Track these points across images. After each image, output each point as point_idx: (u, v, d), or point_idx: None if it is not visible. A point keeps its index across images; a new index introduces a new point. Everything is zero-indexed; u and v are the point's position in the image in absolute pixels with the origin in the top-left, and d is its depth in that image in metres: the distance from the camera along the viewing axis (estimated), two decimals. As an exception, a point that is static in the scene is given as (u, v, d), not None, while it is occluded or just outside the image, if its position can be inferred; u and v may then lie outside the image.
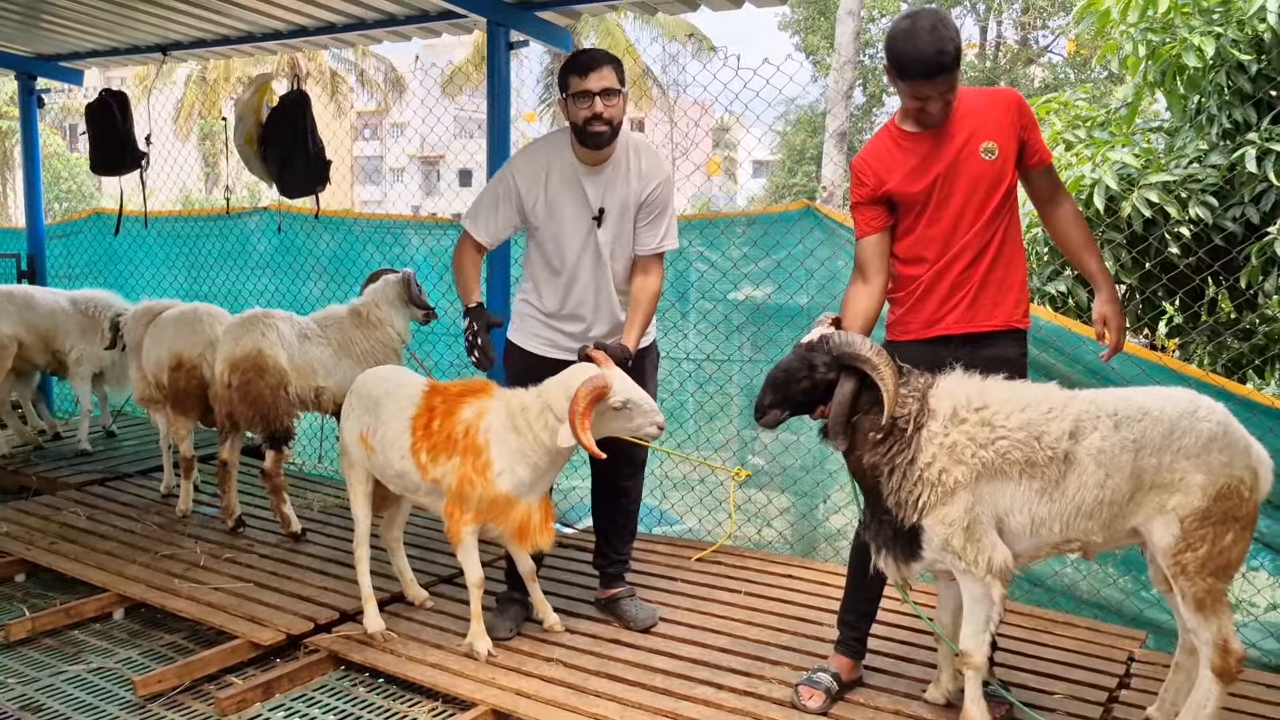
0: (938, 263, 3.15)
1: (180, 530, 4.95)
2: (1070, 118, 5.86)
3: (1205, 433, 2.73)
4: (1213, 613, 2.76)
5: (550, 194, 3.65)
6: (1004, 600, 2.87)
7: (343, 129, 26.41)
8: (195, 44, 6.45)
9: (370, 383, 3.82)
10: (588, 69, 3.50)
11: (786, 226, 5.02)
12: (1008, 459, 2.77)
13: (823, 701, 3.24)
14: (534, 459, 3.39)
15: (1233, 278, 4.86)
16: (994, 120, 3.07)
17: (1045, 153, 3.17)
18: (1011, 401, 2.81)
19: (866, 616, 3.43)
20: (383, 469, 3.70)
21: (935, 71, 2.90)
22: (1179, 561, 2.74)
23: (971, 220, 3.10)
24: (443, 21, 5.52)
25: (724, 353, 5.35)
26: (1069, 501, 2.77)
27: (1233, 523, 2.73)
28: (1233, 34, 4.83)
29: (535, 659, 3.61)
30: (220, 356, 4.71)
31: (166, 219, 7.67)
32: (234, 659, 3.70)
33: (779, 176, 28.50)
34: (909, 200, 3.15)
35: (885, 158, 3.17)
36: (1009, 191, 3.13)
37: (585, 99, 3.49)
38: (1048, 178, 3.20)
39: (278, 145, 5.82)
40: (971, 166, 3.07)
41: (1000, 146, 3.06)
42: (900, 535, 2.92)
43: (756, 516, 5.22)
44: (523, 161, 3.72)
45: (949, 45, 2.88)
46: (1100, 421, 2.76)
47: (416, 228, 6.40)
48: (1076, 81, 22.24)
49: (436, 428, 3.49)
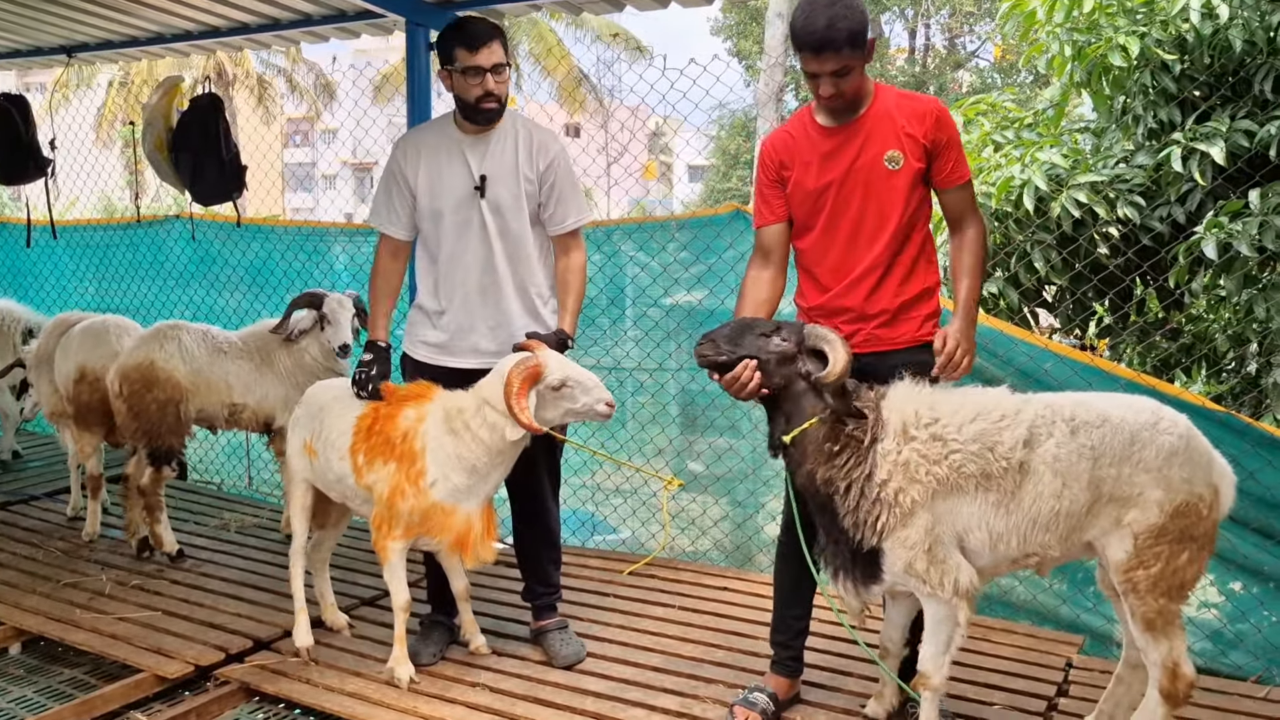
0: (842, 277, 3.04)
1: (85, 556, 4.70)
2: (999, 119, 5.87)
3: (1166, 446, 2.61)
4: (1163, 634, 2.66)
5: (430, 162, 3.50)
6: (968, 622, 2.76)
7: (272, 135, 25.86)
8: (102, 45, 6.18)
9: (320, 391, 3.73)
10: (478, 43, 3.34)
11: (717, 230, 4.93)
12: (962, 473, 2.65)
13: None
14: (471, 461, 3.24)
15: (1161, 278, 4.88)
16: (905, 129, 2.95)
17: (960, 173, 3.01)
18: (961, 411, 2.69)
19: (800, 633, 3.32)
20: (323, 473, 3.55)
21: (822, 46, 2.80)
22: (1130, 579, 2.63)
23: (873, 232, 2.99)
24: (361, 22, 5.34)
25: (657, 359, 5.24)
26: (1025, 514, 2.65)
27: (1189, 541, 2.62)
28: (1157, 34, 4.86)
29: (460, 684, 3.46)
30: (114, 367, 4.53)
31: (77, 228, 7.36)
32: (138, 694, 3.48)
33: (713, 181, 28.57)
34: (802, 196, 3.05)
35: (790, 144, 3.08)
36: (918, 203, 3.00)
37: (476, 75, 3.35)
38: (957, 197, 3.03)
39: (189, 151, 5.58)
40: (872, 174, 2.96)
41: (906, 156, 2.95)
42: (859, 558, 2.79)
43: (692, 526, 5.12)
44: (402, 141, 3.62)
45: (840, 23, 2.78)
46: (1055, 427, 2.64)
47: (339, 235, 6.19)
48: (1003, 86, 22.61)
49: (377, 430, 3.37)
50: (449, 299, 3.53)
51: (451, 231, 3.51)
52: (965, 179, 3.03)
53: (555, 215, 3.55)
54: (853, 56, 2.83)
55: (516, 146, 3.50)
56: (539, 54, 22.13)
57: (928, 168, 2.98)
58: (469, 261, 3.51)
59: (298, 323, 4.51)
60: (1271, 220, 4.25)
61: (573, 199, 3.57)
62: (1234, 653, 3.88)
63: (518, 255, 3.53)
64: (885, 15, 25.51)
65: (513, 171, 3.49)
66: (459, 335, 3.54)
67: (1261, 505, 3.77)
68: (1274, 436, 3.76)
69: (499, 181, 3.48)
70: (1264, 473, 3.70)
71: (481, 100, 3.38)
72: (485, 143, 3.49)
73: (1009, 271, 5.19)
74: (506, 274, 3.53)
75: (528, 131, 3.54)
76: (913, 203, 2.99)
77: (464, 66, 3.35)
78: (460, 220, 3.50)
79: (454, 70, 3.38)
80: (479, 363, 3.50)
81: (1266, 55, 4.62)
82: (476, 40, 3.34)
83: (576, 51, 24.77)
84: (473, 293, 3.53)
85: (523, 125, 3.56)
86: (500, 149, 3.49)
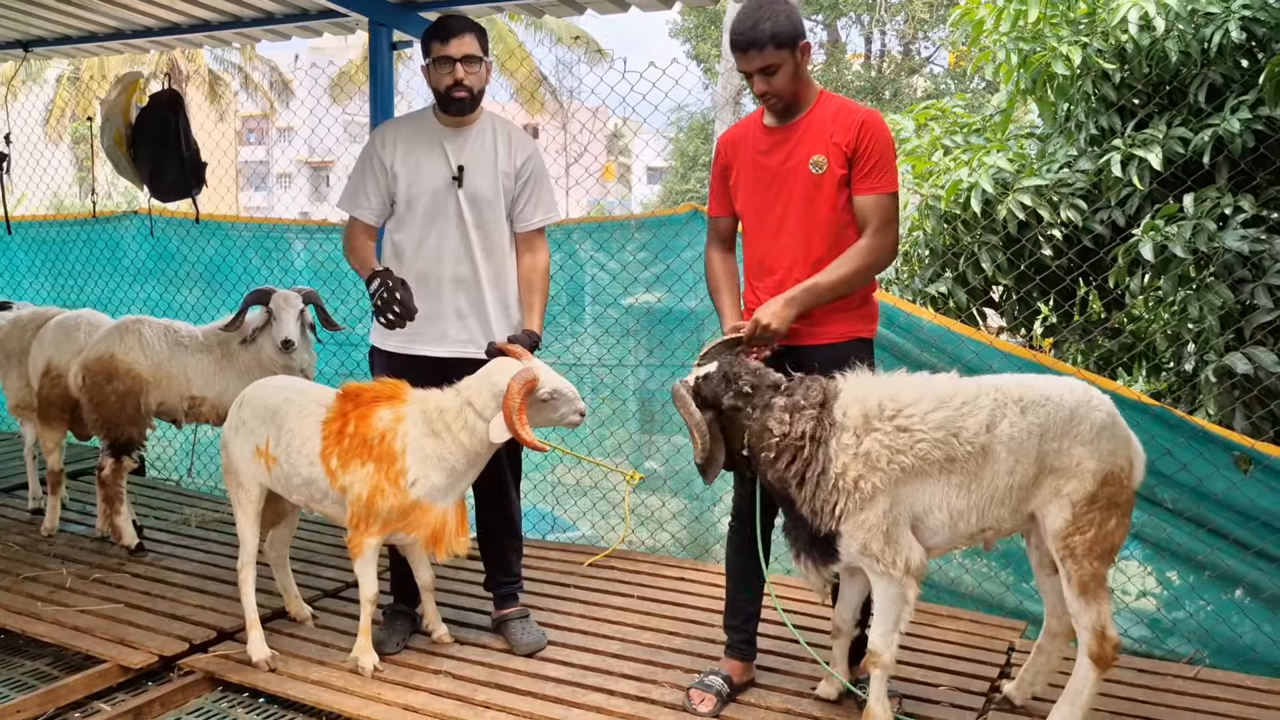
0: (767, 273, 3.21)
1: (44, 551, 4.69)
2: (948, 124, 6.03)
3: (1098, 421, 2.84)
4: (1094, 597, 2.85)
5: (408, 151, 3.58)
6: (916, 599, 2.90)
7: (226, 133, 25.56)
8: (60, 40, 6.16)
9: (264, 393, 3.65)
10: (449, 35, 3.48)
11: (675, 230, 5.03)
12: (927, 459, 2.80)
13: (714, 705, 3.23)
14: (451, 462, 3.30)
15: (1101, 278, 5.05)
16: (833, 136, 3.09)
17: (872, 182, 3.06)
18: (924, 400, 2.83)
19: (752, 617, 3.43)
20: (287, 478, 3.52)
21: (749, 45, 3.02)
22: (1069, 545, 2.83)
23: (795, 230, 3.14)
24: (323, 21, 5.38)
25: (616, 356, 5.33)
26: (984, 491, 2.82)
27: (1115, 508, 2.84)
28: (1098, 44, 5.03)
29: (423, 672, 3.52)
30: (76, 361, 4.60)
31: (32, 224, 7.29)
32: (102, 684, 3.50)
33: (672, 182, 28.70)
34: (739, 191, 3.25)
35: (738, 139, 3.28)
36: (844, 206, 3.11)
37: (446, 64, 3.48)
38: (865, 203, 3.08)
39: (148, 147, 5.58)
40: (797, 176, 3.12)
41: (830, 161, 3.09)
42: (817, 540, 2.92)
43: (650, 520, 5.21)
44: (381, 130, 3.73)
45: (765, 24, 2.99)
46: (1008, 408, 2.82)
47: (300, 232, 6.21)
48: (957, 91, 22.97)
49: (351, 432, 3.37)
50: (420, 286, 3.55)
51: (425, 220, 3.58)
52: (879, 189, 3.07)
53: (524, 212, 3.66)
54: (777, 55, 3.02)
55: (495, 142, 3.61)
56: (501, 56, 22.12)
57: (850, 174, 3.10)
58: (444, 250, 3.58)
59: (252, 321, 4.55)
60: (1204, 224, 4.44)
61: (545, 198, 3.69)
62: (1170, 639, 4.04)
63: (493, 248, 3.63)
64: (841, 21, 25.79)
65: (491, 165, 3.59)
66: (427, 322, 3.57)
67: (1194, 495, 3.93)
68: (1205, 430, 3.93)
69: (477, 174, 3.57)
70: (1196, 464, 3.87)
71: (452, 89, 3.49)
72: (463, 135, 3.59)
73: (957, 271, 5.34)
74: (483, 266, 3.61)
75: (505, 130, 3.65)
76: (837, 206, 3.11)
77: (435, 57, 3.48)
78: (435, 209, 3.58)
79: (429, 62, 3.51)
80: (447, 351, 3.59)
81: (1200, 66, 4.81)
82: (448, 32, 3.48)
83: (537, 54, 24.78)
84: (445, 281, 3.60)
85: (500, 124, 3.67)
86: (479, 143, 3.59)
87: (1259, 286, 4.37)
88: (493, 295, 3.65)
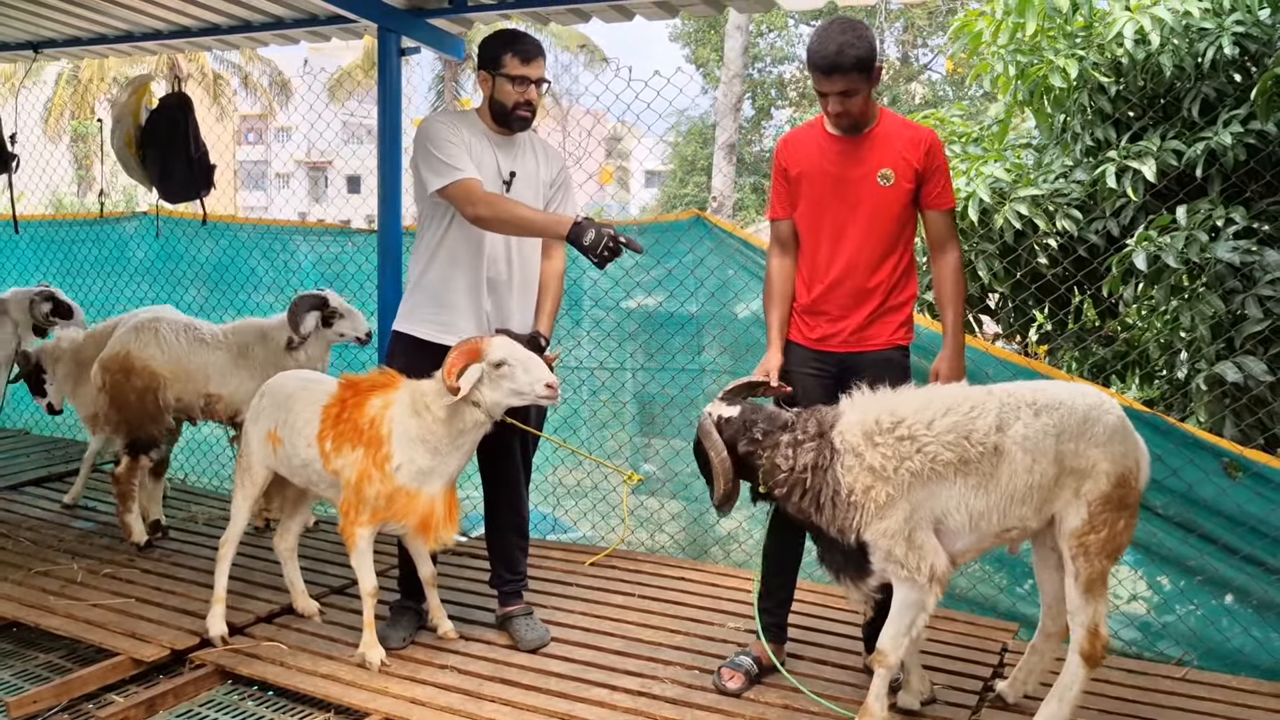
0: (823, 278, 3.35)
1: (55, 546, 4.76)
2: (946, 133, 6.10)
3: (1110, 424, 2.94)
4: (1095, 596, 2.96)
5: (470, 146, 3.62)
6: (934, 608, 2.99)
7: (226, 133, 25.59)
8: (70, 42, 6.21)
9: (284, 381, 3.86)
10: (530, 56, 3.57)
11: (677, 235, 5.11)
12: (938, 461, 2.89)
13: (743, 683, 3.41)
14: (433, 442, 3.39)
15: (1095, 287, 5.13)
16: (901, 152, 3.27)
17: (945, 199, 3.34)
18: (929, 408, 2.94)
19: (784, 603, 3.58)
20: (289, 459, 3.68)
21: (831, 69, 3.11)
22: (1083, 543, 2.93)
23: (856, 239, 3.30)
24: (332, 26, 5.44)
25: (617, 360, 5.41)
26: (1003, 491, 2.91)
27: (1124, 509, 2.95)
28: (1094, 57, 5.11)
29: (430, 666, 3.60)
30: (97, 359, 4.67)
31: (39, 223, 7.36)
32: (115, 676, 3.58)
33: (671, 187, 28.79)
34: (809, 193, 3.35)
35: (801, 145, 3.39)
36: (904, 220, 3.31)
37: (523, 84, 3.56)
38: (941, 223, 3.36)
39: (157, 148, 5.66)
40: (868, 188, 3.27)
41: (897, 176, 3.25)
42: (850, 556, 3.03)
43: (649, 521, 5.29)
44: (443, 118, 3.66)
45: (849, 50, 3.09)
46: (1021, 411, 2.92)
47: (305, 234, 6.28)
48: (955, 98, 23.07)
49: (345, 417, 3.52)
50: (462, 279, 3.65)
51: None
52: (950, 206, 3.36)
53: None
54: (858, 80, 3.14)
55: (535, 155, 3.73)
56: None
57: (917, 190, 3.29)
58: (489, 251, 3.65)
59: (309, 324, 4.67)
60: (1196, 235, 4.52)
61: (571, 207, 3.81)
62: (1160, 641, 4.13)
63: (527, 255, 3.74)
64: (840, 27, 25.83)
65: (535, 176, 3.71)
66: (459, 314, 3.66)
67: (1184, 501, 4.02)
68: (1196, 437, 4.01)
69: (524, 182, 3.68)
70: (1186, 470, 3.95)
71: (519, 107, 3.58)
72: (511, 145, 3.69)
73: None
74: (516, 271, 3.72)
75: (539, 143, 3.79)
76: (899, 219, 3.30)
77: (514, 75, 3.54)
78: None
79: (499, 75, 3.56)
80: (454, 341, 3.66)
81: (1194, 80, 4.89)
82: (531, 54, 3.56)
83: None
84: (483, 282, 3.67)
85: (534, 137, 3.78)
86: (524, 155, 3.70)
87: (1249, 297, 4.45)
88: (519, 300, 3.75)
